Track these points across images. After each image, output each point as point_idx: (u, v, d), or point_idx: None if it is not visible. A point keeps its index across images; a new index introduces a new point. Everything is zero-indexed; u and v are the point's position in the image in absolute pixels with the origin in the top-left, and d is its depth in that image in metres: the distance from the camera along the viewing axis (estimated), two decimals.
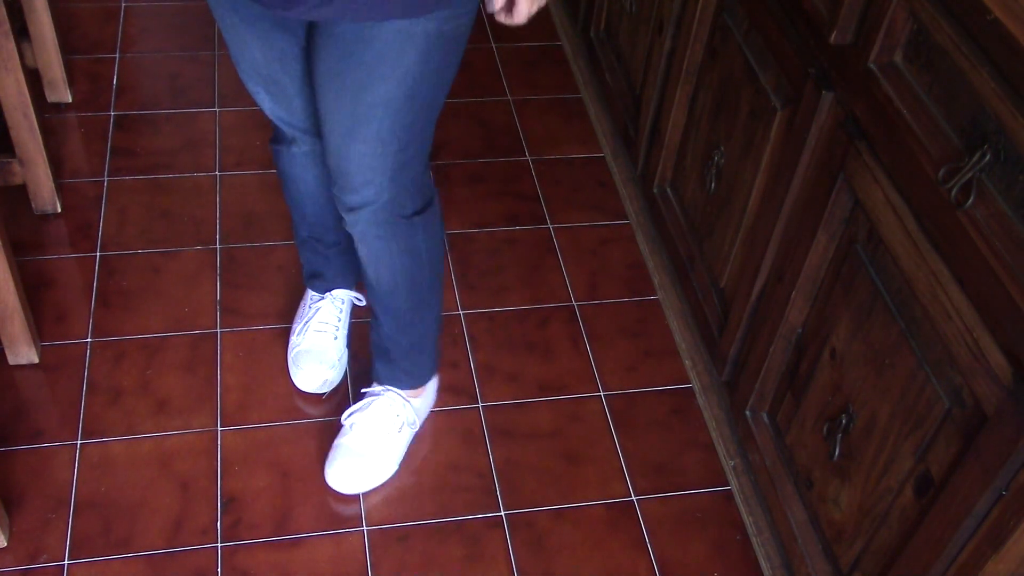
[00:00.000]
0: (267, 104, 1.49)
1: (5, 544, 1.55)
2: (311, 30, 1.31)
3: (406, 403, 1.68)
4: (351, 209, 1.41)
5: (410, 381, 1.69)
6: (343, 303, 1.82)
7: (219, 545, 1.58)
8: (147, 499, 1.62)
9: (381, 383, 1.69)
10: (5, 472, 1.63)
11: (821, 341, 1.41)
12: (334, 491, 1.65)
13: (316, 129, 1.51)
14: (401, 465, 1.70)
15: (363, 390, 1.71)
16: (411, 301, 1.57)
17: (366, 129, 1.31)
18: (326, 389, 1.78)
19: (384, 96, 1.27)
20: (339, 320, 1.80)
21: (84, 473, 1.65)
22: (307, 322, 1.80)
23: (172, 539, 1.58)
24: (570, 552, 1.63)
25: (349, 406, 1.71)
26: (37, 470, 1.64)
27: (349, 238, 1.71)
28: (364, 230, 1.44)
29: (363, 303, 1.83)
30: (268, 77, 1.42)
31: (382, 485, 1.67)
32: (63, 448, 1.67)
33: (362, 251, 1.49)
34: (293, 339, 1.81)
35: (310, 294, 1.83)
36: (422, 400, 1.72)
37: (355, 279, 1.82)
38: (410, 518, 1.65)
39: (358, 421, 1.66)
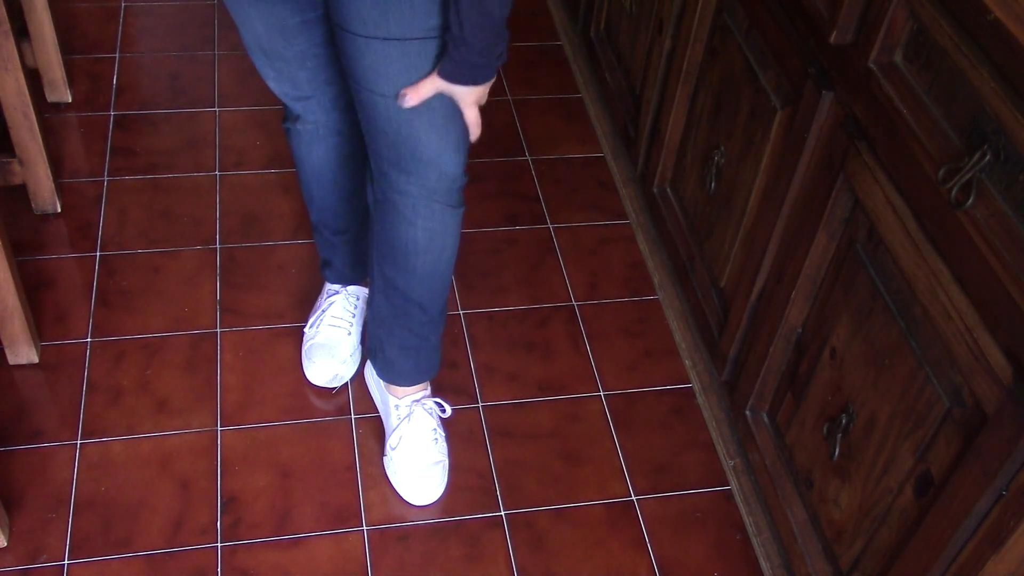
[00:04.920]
0: (272, 78, 1.49)
1: (5, 544, 1.55)
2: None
3: (431, 401, 1.70)
4: (423, 181, 1.40)
5: (433, 370, 1.70)
6: (357, 299, 1.82)
7: (219, 545, 1.58)
8: (147, 499, 1.62)
9: (407, 384, 1.69)
10: (5, 472, 1.63)
11: (821, 341, 1.41)
12: (416, 504, 1.66)
13: (323, 107, 1.51)
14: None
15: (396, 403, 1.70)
16: (449, 290, 1.59)
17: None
18: (336, 384, 1.79)
19: (431, 28, 1.24)
20: (353, 315, 1.81)
21: (84, 473, 1.65)
22: (321, 315, 1.80)
23: (172, 539, 1.58)
24: (570, 552, 1.63)
25: (350, 402, 1.71)
26: (37, 470, 1.64)
27: (358, 228, 1.72)
28: (433, 208, 1.43)
29: None
30: (271, 51, 1.42)
31: (383, 485, 1.67)
32: (63, 448, 1.67)
33: (420, 236, 1.46)
34: (307, 332, 1.82)
35: (327, 287, 1.83)
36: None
37: (366, 274, 1.83)
38: (410, 518, 1.65)
39: (413, 435, 1.67)
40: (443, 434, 1.70)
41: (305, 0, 1.34)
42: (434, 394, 1.74)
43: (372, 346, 1.68)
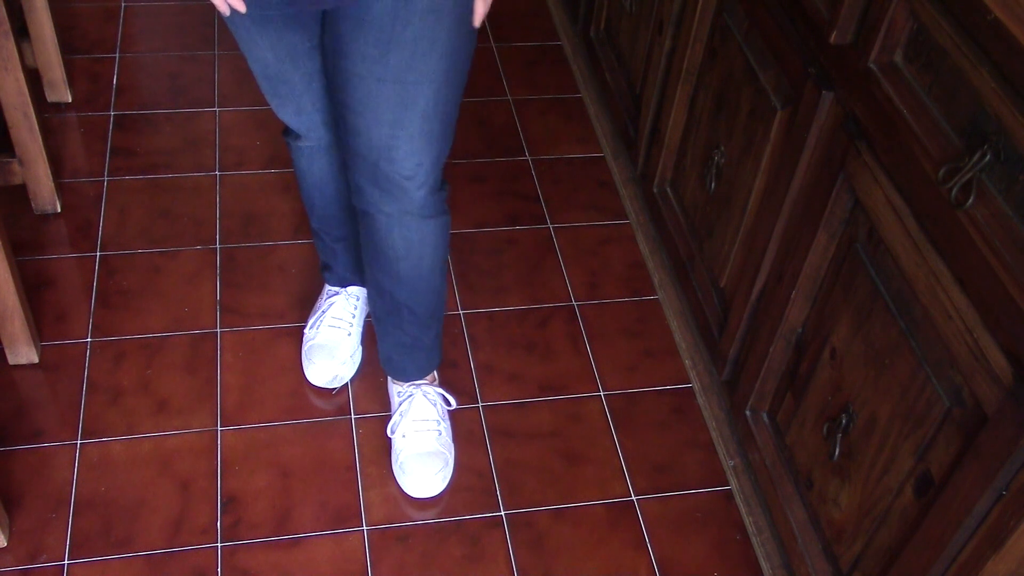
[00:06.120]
0: (276, 104, 1.50)
1: (5, 544, 1.55)
2: (330, 25, 1.31)
3: (434, 390, 1.72)
4: (395, 199, 1.42)
5: (430, 368, 1.71)
6: (357, 300, 1.83)
7: (219, 545, 1.58)
8: (147, 499, 1.62)
9: (405, 379, 1.70)
10: (5, 472, 1.63)
11: (821, 341, 1.41)
12: (414, 498, 1.66)
13: (326, 124, 1.53)
14: None
15: (398, 395, 1.71)
16: (441, 294, 1.61)
17: (412, 111, 1.31)
18: (336, 385, 1.79)
19: (428, 72, 1.28)
20: (353, 316, 1.81)
21: (84, 473, 1.65)
22: (321, 316, 1.81)
23: (172, 539, 1.58)
24: (570, 552, 1.63)
25: (350, 402, 1.71)
26: (37, 470, 1.64)
27: (358, 234, 1.73)
28: (406, 220, 1.45)
29: None
30: (279, 77, 1.43)
31: (383, 485, 1.67)
32: (63, 448, 1.67)
33: (397, 244, 1.48)
34: (307, 332, 1.82)
35: (326, 288, 1.84)
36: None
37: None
38: (410, 518, 1.65)
39: (412, 428, 1.68)
40: (448, 427, 1.70)
41: (314, 25, 1.35)
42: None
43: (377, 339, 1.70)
